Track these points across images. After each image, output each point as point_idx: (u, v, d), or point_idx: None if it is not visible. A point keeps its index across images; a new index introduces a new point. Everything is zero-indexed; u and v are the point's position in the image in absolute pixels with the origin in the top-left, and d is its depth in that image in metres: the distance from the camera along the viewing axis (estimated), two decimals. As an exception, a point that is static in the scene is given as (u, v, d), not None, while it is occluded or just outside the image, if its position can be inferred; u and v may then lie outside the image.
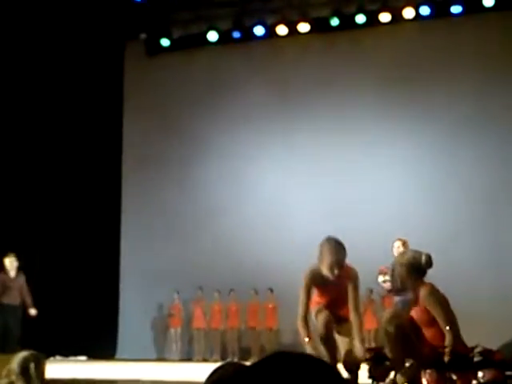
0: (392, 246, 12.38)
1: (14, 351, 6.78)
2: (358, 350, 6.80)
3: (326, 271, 6.89)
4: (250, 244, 17.20)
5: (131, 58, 19.13)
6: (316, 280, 6.99)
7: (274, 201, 17.48)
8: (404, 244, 13.01)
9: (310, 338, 6.90)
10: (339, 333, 7.15)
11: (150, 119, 18.75)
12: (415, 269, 6.45)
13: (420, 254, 6.66)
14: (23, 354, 5.93)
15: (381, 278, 13.33)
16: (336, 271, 6.86)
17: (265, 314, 17.10)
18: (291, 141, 17.59)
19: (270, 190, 17.63)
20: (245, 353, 17.15)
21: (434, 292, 6.30)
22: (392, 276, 6.71)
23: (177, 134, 18.45)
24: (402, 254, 6.94)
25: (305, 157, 17.44)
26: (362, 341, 6.91)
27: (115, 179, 18.67)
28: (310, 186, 17.32)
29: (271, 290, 16.81)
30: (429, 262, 6.66)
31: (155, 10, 18.15)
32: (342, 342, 7.13)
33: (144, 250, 18.13)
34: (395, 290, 12.76)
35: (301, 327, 7.00)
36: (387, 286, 12.99)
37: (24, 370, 5.72)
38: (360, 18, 17.30)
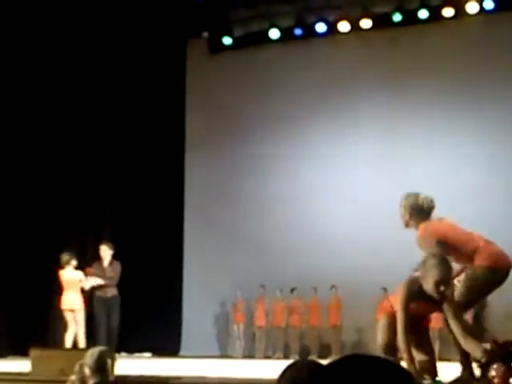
0: None
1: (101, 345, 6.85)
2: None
3: (429, 289, 6.49)
4: (313, 241, 17.14)
5: (193, 56, 19.23)
6: (415, 294, 6.60)
7: (337, 198, 17.40)
8: None
9: (413, 363, 6.49)
10: None
11: (211, 116, 18.82)
12: (417, 210, 6.99)
13: (423, 196, 7.09)
14: (98, 349, 5.94)
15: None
16: (442, 288, 6.45)
17: (328, 312, 17.02)
18: (355, 137, 17.49)
19: (332, 188, 17.56)
20: (306, 350, 17.14)
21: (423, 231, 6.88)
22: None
23: (238, 130, 18.50)
24: (405, 197, 7.14)
25: (370, 155, 17.30)
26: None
27: (178, 175, 18.80)
28: (374, 184, 17.20)
29: (333, 288, 16.72)
30: (430, 205, 7.04)
31: (217, 8, 18.22)
32: None
33: (207, 248, 18.21)
34: None
35: (405, 352, 6.50)
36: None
37: (100, 365, 5.74)
38: (423, 14, 17.12)
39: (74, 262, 14.06)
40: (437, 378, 6.90)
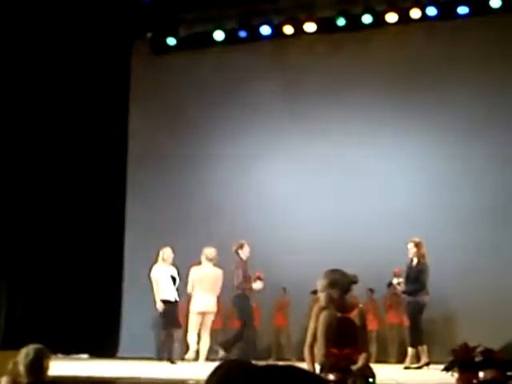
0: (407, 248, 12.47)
1: None
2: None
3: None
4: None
5: (138, 57, 19.07)
6: None
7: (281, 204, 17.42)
8: (417, 245, 13.04)
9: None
10: None
11: (156, 118, 18.69)
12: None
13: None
14: (33, 347, 5.75)
15: (395, 280, 13.50)
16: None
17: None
18: (297, 141, 17.52)
19: (275, 193, 17.58)
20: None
21: None
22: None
23: (183, 132, 18.39)
24: None
25: (314, 157, 17.33)
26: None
27: (120, 180, 18.55)
28: (313, 188, 17.25)
29: (284, 290, 16.68)
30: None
31: (162, 9, 18.13)
32: None
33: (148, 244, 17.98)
34: (408, 292, 13.04)
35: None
36: (401, 287, 13.18)
37: (35, 365, 5.60)
38: (367, 19, 17.18)
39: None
40: (370, 380, 6.97)
